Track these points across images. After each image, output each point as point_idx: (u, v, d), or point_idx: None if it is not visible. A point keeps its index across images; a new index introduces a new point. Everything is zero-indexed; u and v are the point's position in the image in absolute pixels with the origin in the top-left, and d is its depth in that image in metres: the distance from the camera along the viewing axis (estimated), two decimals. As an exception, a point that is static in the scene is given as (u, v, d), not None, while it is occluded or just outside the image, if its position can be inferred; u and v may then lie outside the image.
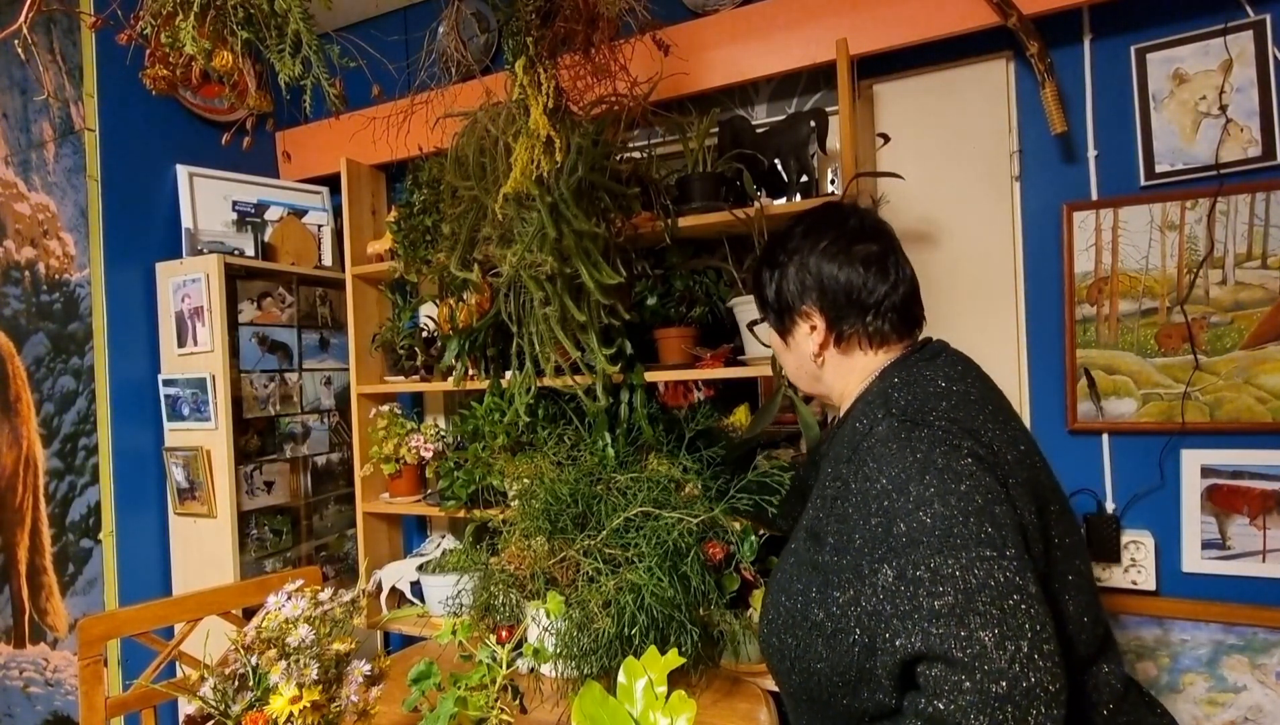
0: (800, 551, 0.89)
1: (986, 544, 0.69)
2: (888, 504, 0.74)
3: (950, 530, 0.69)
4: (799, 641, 0.83)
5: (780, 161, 1.64)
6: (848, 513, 0.79)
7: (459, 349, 1.80)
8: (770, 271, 0.97)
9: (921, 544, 0.70)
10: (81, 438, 1.87)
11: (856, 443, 0.81)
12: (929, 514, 0.71)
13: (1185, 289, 1.47)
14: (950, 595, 0.67)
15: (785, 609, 0.86)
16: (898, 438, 0.77)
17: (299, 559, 2.10)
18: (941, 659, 0.66)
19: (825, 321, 0.93)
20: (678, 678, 1.29)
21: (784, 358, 1.03)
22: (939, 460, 0.73)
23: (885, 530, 0.73)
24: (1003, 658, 0.64)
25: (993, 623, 0.65)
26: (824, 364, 0.95)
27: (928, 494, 0.72)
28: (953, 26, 1.51)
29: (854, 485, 0.79)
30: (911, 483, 0.73)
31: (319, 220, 2.28)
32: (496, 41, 2.12)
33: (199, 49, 1.01)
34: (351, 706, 0.99)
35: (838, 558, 0.79)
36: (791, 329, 0.97)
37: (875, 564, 0.73)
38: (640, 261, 1.73)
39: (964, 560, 0.68)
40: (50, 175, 1.85)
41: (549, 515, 1.43)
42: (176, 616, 1.40)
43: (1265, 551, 1.43)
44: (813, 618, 0.81)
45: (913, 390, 0.84)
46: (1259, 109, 1.41)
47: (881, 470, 0.76)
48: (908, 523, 0.71)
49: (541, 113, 1.26)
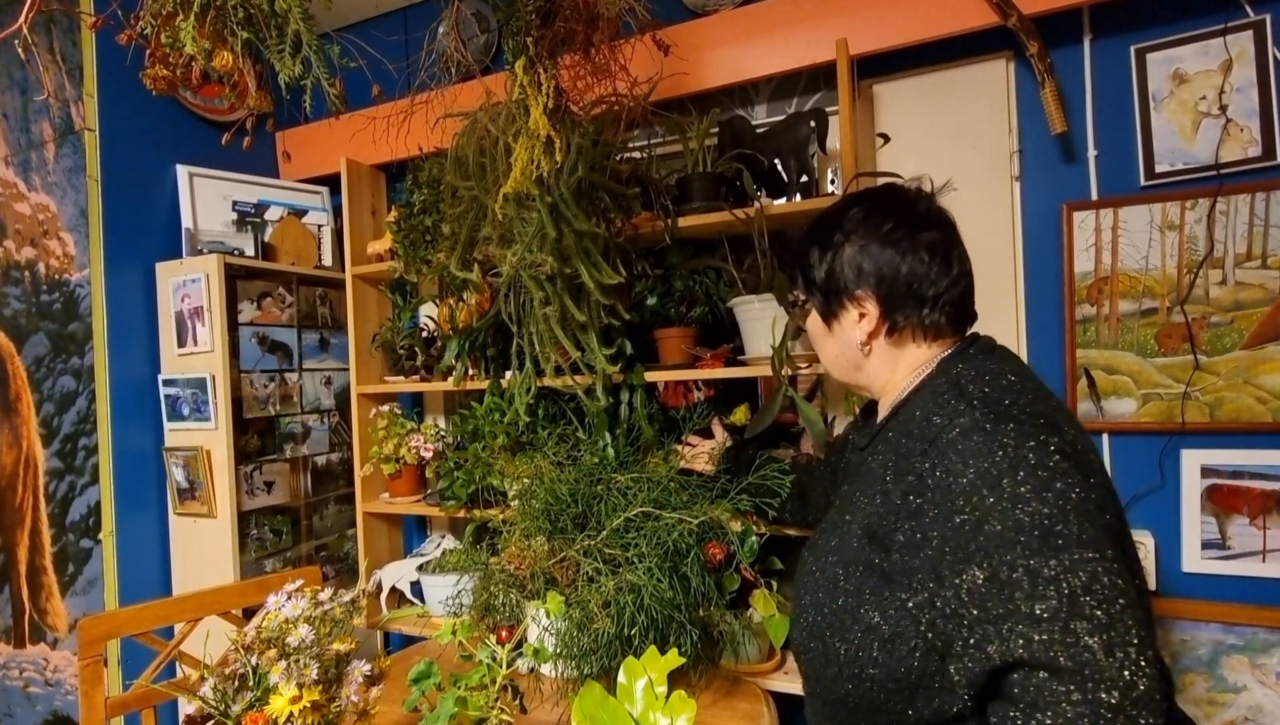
0: (847, 549, 0.83)
1: (1088, 545, 0.65)
2: (977, 500, 0.69)
3: (1050, 529, 0.65)
4: (850, 646, 0.78)
5: (780, 161, 1.64)
6: (923, 509, 0.74)
7: (459, 349, 1.80)
8: (822, 251, 0.91)
9: (1018, 544, 0.66)
10: (81, 438, 1.87)
11: (933, 436, 0.76)
12: (1025, 512, 0.66)
13: (1185, 289, 1.47)
14: (1054, 599, 0.63)
15: (831, 612, 0.82)
16: (982, 431, 0.72)
17: (299, 559, 2.10)
18: (1044, 667, 0.62)
19: (879, 310, 0.88)
20: (678, 678, 1.29)
21: (822, 342, 0.96)
22: (1030, 456, 0.69)
23: (974, 529, 0.68)
24: (1112, 665, 0.60)
25: (1100, 628, 0.62)
26: (870, 353, 0.90)
27: (1022, 491, 0.67)
28: (953, 26, 1.51)
29: (931, 481, 0.74)
30: (1004, 478, 0.68)
31: (319, 220, 2.28)
32: (496, 41, 2.12)
33: (199, 49, 1.01)
34: (351, 706, 0.99)
35: (909, 557, 0.74)
36: (839, 314, 0.91)
37: (959, 565, 0.69)
38: (640, 261, 1.73)
39: (1066, 562, 0.64)
40: (50, 175, 1.85)
41: (549, 515, 1.43)
42: (176, 616, 1.40)
43: (1265, 551, 1.43)
44: (867, 620, 0.77)
45: (987, 383, 0.79)
46: (1259, 109, 1.41)
47: (969, 465, 0.71)
48: (1002, 521, 0.67)
49: (541, 113, 1.26)
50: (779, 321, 1.44)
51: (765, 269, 1.52)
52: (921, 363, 0.88)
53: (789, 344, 1.42)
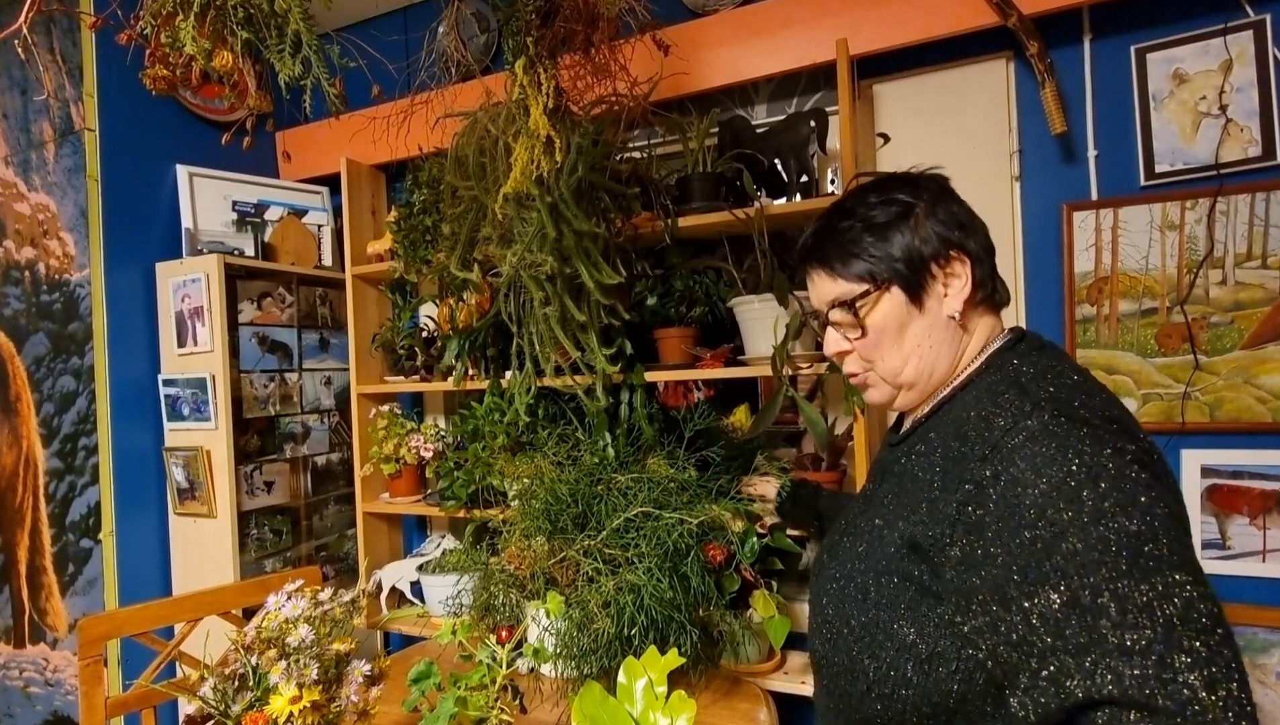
0: (880, 558, 0.76)
1: (1180, 567, 0.58)
2: (1052, 514, 0.61)
3: (1139, 549, 0.58)
4: (881, 664, 0.72)
5: (780, 161, 1.64)
6: (984, 523, 0.65)
7: (459, 349, 1.81)
8: (893, 225, 0.80)
9: (1103, 565, 0.58)
10: (81, 438, 1.87)
11: (995, 440, 0.67)
12: (1110, 529, 0.59)
13: (1185, 289, 1.47)
14: (1148, 629, 0.56)
15: (860, 625, 0.75)
16: (1054, 436, 0.64)
17: (299, 559, 2.10)
18: (1138, 706, 0.55)
19: (972, 269, 0.78)
20: (677, 678, 1.29)
21: (904, 332, 0.81)
22: (1109, 465, 0.61)
23: (1048, 547, 0.60)
24: (1215, 705, 0.53)
25: (1201, 663, 0.54)
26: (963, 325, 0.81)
27: (1105, 505, 0.60)
28: (953, 26, 1.51)
29: (994, 491, 0.65)
30: (1084, 490, 0.60)
31: (319, 220, 2.28)
32: (496, 41, 2.12)
33: (199, 49, 1.01)
34: (351, 706, 0.99)
35: (967, 576, 0.66)
36: (929, 287, 0.79)
37: (1030, 587, 0.61)
38: (640, 261, 1.73)
39: (1159, 587, 0.57)
40: (50, 175, 1.85)
41: (549, 515, 1.43)
42: (176, 616, 1.40)
43: (1265, 551, 1.43)
44: (902, 637, 0.71)
45: (1051, 382, 0.71)
46: (1259, 109, 1.41)
47: (1040, 474, 0.62)
48: (1082, 538, 0.59)
49: (541, 113, 1.26)
50: (779, 321, 1.44)
51: (765, 269, 1.52)
52: (983, 343, 0.81)
53: (789, 344, 1.42)
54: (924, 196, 0.80)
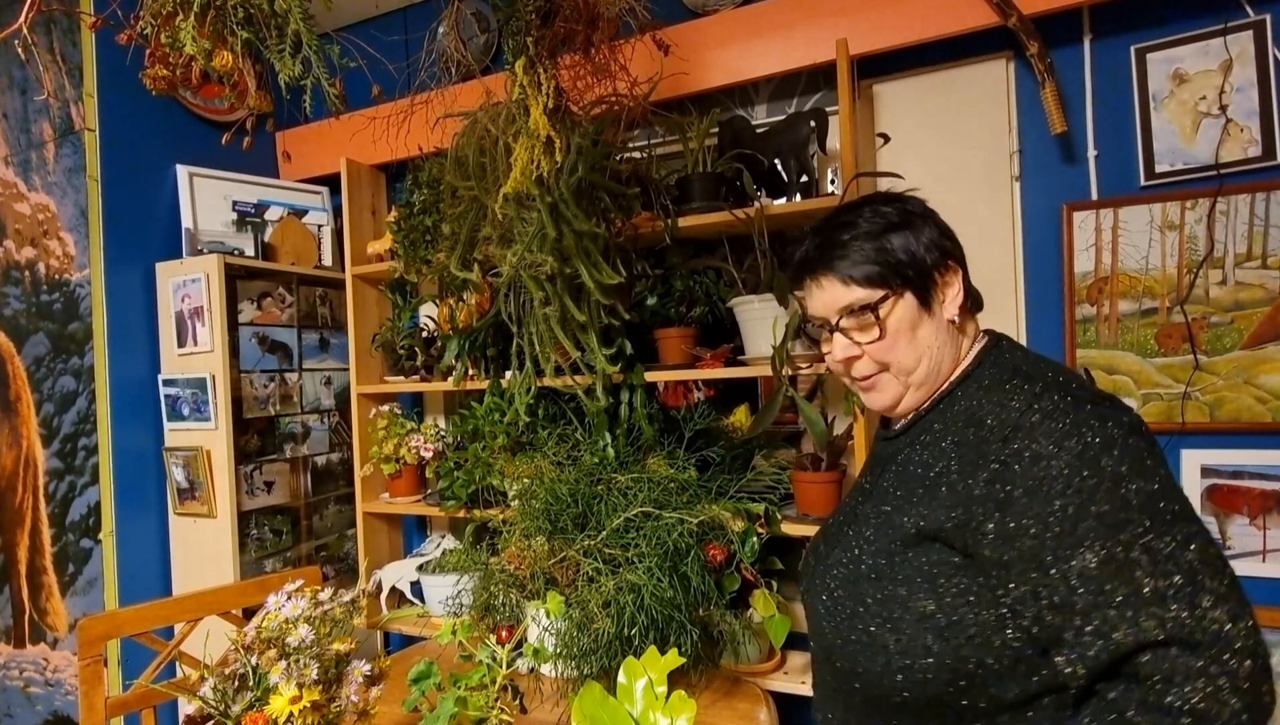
0: (891, 541, 0.80)
1: (1189, 518, 0.67)
2: (1078, 483, 0.67)
3: (1156, 506, 0.66)
4: (902, 636, 0.76)
5: (780, 161, 1.64)
6: (1012, 497, 0.71)
7: (459, 349, 1.81)
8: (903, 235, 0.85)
9: (1130, 523, 0.66)
10: (81, 438, 1.87)
11: (1015, 421, 0.73)
12: (1130, 489, 0.66)
13: (1185, 289, 1.47)
14: (1176, 575, 0.64)
15: (876, 602, 0.79)
16: (1067, 414, 0.71)
17: (299, 559, 2.10)
18: (1180, 643, 0.63)
19: (962, 277, 0.86)
20: (678, 678, 1.29)
21: (916, 334, 0.85)
22: (1115, 434, 0.69)
23: (1078, 511, 0.67)
24: (1239, 633, 0.63)
25: (1221, 598, 0.64)
26: (954, 330, 0.87)
27: (1123, 469, 0.67)
28: (953, 26, 1.51)
29: (1019, 467, 0.71)
30: (1102, 458, 0.68)
31: (319, 220, 2.28)
32: (496, 41, 2.12)
33: (199, 49, 1.01)
34: (351, 706, 0.99)
35: (1003, 550, 0.71)
36: (934, 293, 0.85)
37: (1065, 551, 0.67)
38: (640, 261, 1.73)
39: (1179, 536, 0.65)
40: (50, 175, 1.85)
41: (549, 515, 1.44)
42: (176, 616, 1.40)
43: (1265, 551, 1.43)
44: (920, 609, 0.75)
45: (1045, 367, 0.79)
46: (1259, 109, 1.41)
47: (1061, 447, 0.69)
48: (1109, 500, 0.66)
49: (541, 113, 1.26)
50: (779, 321, 1.44)
51: (765, 269, 1.52)
52: (970, 341, 0.88)
53: (789, 344, 1.42)
54: (915, 211, 0.86)
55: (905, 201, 0.88)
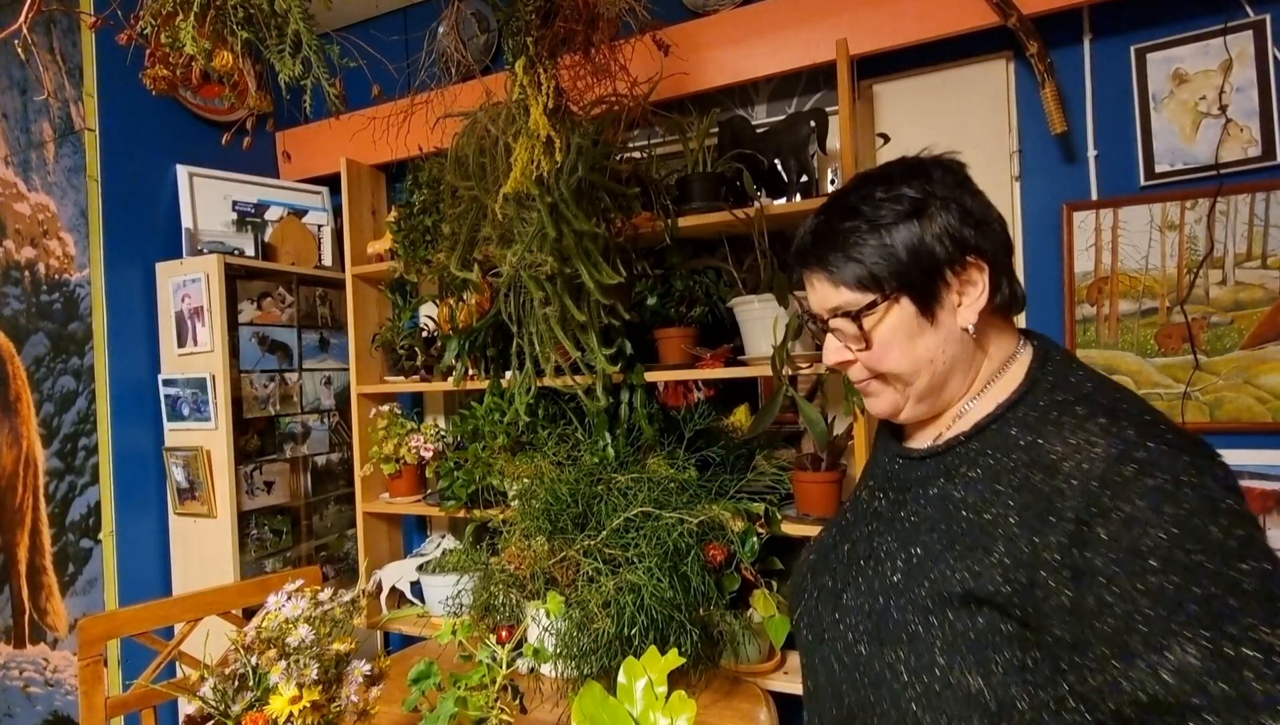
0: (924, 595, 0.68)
1: None
2: (1181, 557, 0.55)
3: (1269, 591, 0.54)
4: (940, 717, 0.65)
5: (780, 161, 1.64)
6: (1094, 566, 0.58)
7: (459, 349, 1.81)
8: (902, 226, 0.71)
9: (1240, 612, 0.54)
10: (81, 438, 1.87)
11: (1098, 472, 0.60)
12: (1240, 570, 0.54)
13: (1185, 289, 1.47)
14: None
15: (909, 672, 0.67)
16: (1162, 466, 0.58)
17: (299, 559, 2.10)
18: None
19: (990, 274, 0.70)
20: (678, 678, 1.29)
21: (912, 343, 0.73)
22: (1217, 493, 0.57)
23: (1178, 593, 0.55)
24: None
25: None
26: (977, 338, 0.73)
27: (1230, 544, 0.55)
28: (952, 26, 1.51)
29: (1105, 532, 0.58)
30: (1211, 527, 0.56)
31: (319, 220, 2.28)
32: (496, 41, 2.12)
33: (199, 49, 1.01)
34: (351, 706, 0.99)
35: (1078, 628, 0.59)
36: (942, 297, 0.71)
37: (1159, 638, 0.55)
38: (640, 261, 1.73)
39: None
40: (50, 175, 1.85)
41: (549, 515, 1.44)
42: (176, 616, 1.40)
43: (1265, 551, 1.43)
44: (966, 686, 0.64)
45: (1122, 396, 0.65)
46: (1259, 109, 1.41)
47: (1160, 512, 0.57)
48: (1215, 582, 0.54)
49: (541, 113, 1.26)
50: (779, 321, 1.44)
51: (765, 269, 1.52)
52: (1004, 355, 0.74)
53: (789, 344, 1.42)
54: (937, 191, 0.72)
55: (930, 177, 0.74)
